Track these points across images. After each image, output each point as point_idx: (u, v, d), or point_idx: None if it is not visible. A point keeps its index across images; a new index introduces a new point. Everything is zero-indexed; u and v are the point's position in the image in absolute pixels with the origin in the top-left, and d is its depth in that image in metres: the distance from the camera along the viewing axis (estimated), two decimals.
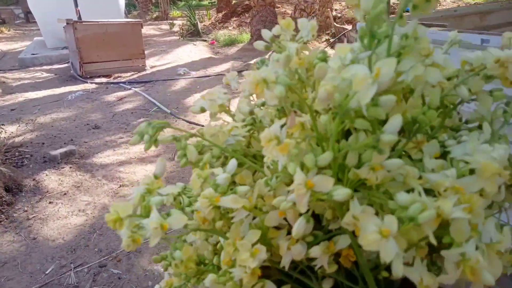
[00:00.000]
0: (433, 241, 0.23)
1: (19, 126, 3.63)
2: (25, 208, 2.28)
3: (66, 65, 5.66)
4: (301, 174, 0.24)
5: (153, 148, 0.36)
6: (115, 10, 7.32)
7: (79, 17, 6.27)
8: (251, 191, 0.32)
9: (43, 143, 3.28)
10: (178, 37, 7.83)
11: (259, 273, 0.29)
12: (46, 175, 2.71)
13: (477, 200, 0.24)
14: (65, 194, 2.44)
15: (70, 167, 2.84)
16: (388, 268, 0.28)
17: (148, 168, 2.80)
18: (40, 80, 5.14)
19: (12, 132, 3.45)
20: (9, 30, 10.89)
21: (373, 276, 0.31)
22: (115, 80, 4.90)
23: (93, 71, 5.06)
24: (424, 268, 0.26)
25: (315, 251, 0.29)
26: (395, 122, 0.25)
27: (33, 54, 6.35)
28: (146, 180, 0.36)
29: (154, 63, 5.67)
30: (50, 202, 2.35)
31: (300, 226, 0.27)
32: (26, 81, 5.15)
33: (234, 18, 8.50)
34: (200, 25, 7.97)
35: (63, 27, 5.14)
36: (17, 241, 2.00)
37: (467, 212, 0.23)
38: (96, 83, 4.81)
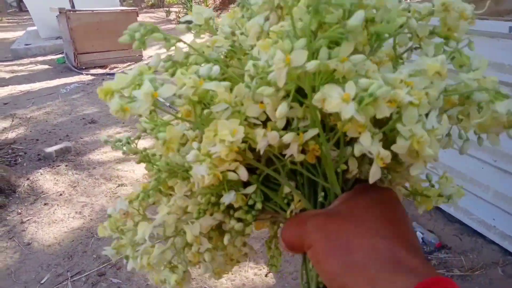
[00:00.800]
0: (386, 114, 0.28)
1: (13, 121, 3.54)
2: (19, 211, 2.24)
3: (60, 55, 5.61)
4: (281, 53, 0.29)
5: None
6: None
7: (72, 6, 6.13)
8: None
9: (37, 140, 3.22)
10: (175, 25, 7.78)
11: (237, 149, 0.32)
12: (41, 174, 2.66)
13: (423, 94, 0.30)
14: (61, 194, 2.40)
15: (66, 165, 2.78)
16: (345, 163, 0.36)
17: None
18: (34, 72, 5.09)
19: (5, 128, 3.39)
20: (1, 20, 10.74)
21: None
22: (112, 71, 4.83)
23: (88, 62, 5.00)
24: (380, 144, 0.31)
25: (287, 138, 0.32)
26: (359, 15, 0.30)
27: (26, 44, 6.25)
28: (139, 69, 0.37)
29: (152, 53, 5.63)
30: (45, 204, 2.31)
31: (283, 108, 0.31)
32: (19, 73, 5.10)
33: (233, 5, 8.59)
34: None
35: (56, 16, 5.14)
36: (11, 247, 1.96)
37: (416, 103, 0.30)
38: (91, 75, 4.76)
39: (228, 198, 0.37)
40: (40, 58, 5.91)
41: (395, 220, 0.32)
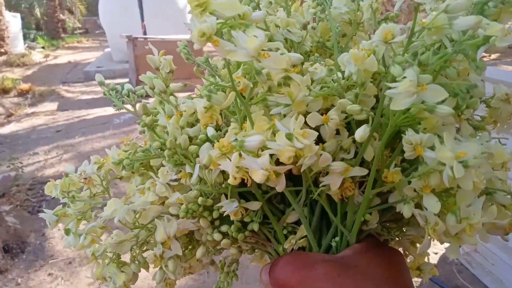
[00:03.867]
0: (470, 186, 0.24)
1: (57, 153, 3.27)
2: (19, 280, 1.79)
3: (126, 79, 5.50)
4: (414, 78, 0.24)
5: None
6: (181, 24, 7.14)
7: (145, 32, 6.13)
8: None
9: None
10: None
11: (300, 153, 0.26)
12: (59, 229, 2.07)
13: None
14: (70, 263, 1.92)
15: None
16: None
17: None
18: (97, 96, 4.97)
19: (46, 161, 3.07)
20: (87, 40, 11.42)
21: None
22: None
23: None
24: None
25: (338, 166, 0.28)
26: None
27: (98, 67, 6.33)
28: None
29: None
30: (49, 274, 1.84)
31: (364, 131, 0.27)
32: (84, 96, 5.04)
33: None
34: None
35: (126, 42, 4.98)
36: None
37: None
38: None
39: (230, 207, 0.31)
40: (108, 81, 5.91)
41: (404, 283, 0.30)
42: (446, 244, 0.29)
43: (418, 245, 0.37)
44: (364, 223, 0.31)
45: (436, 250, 1.75)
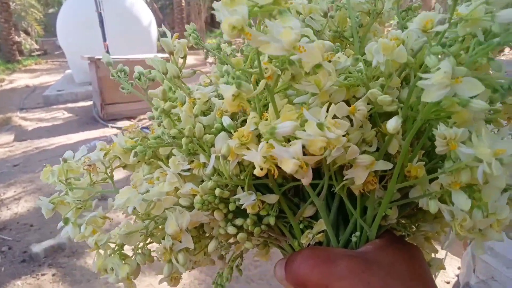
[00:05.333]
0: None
1: (15, 191, 2.85)
2: None
3: (90, 103, 5.19)
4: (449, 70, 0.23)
5: None
6: (147, 43, 6.86)
7: (107, 52, 5.88)
8: None
9: (32, 226, 2.37)
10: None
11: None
12: None
13: None
14: None
15: (53, 275, 1.90)
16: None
17: (158, 277, 1.92)
18: (58, 122, 4.66)
19: (2, 202, 2.68)
20: (46, 62, 10.94)
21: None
22: (140, 123, 4.27)
23: (116, 113, 4.56)
24: None
25: (364, 158, 0.27)
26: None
27: (59, 90, 6.04)
28: None
29: None
30: None
31: (396, 122, 0.25)
32: (43, 124, 4.67)
33: None
34: None
35: (88, 63, 4.67)
36: None
37: None
38: (117, 128, 4.24)
39: (247, 200, 0.30)
40: (70, 105, 5.46)
41: (427, 278, 0.29)
42: (457, 271, 0.29)
43: (432, 241, 0.37)
44: (383, 218, 0.31)
45: (447, 279, 1.70)
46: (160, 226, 0.33)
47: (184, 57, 0.34)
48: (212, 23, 14.46)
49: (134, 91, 0.35)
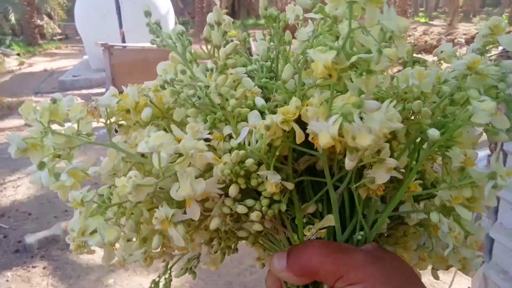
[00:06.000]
0: None
1: (18, 177, 2.75)
2: None
3: (104, 89, 4.92)
4: None
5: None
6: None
7: (123, 39, 5.55)
8: None
9: (30, 214, 2.32)
10: None
11: None
12: (7, 280, 1.73)
13: None
14: None
15: (44, 268, 1.84)
16: None
17: (150, 277, 1.72)
18: None
19: (4, 188, 2.55)
20: (66, 47, 10.89)
21: None
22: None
23: None
24: None
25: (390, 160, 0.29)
26: None
27: (74, 76, 5.91)
28: None
29: None
30: None
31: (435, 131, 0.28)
32: None
33: None
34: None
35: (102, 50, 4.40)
36: None
37: None
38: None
39: (274, 178, 0.29)
40: (84, 91, 5.29)
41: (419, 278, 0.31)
42: None
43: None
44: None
45: None
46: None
47: (225, 33, 0.34)
48: (233, 14, 14.05)
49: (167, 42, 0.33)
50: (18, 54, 8.69)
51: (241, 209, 0.30)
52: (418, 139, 0.32)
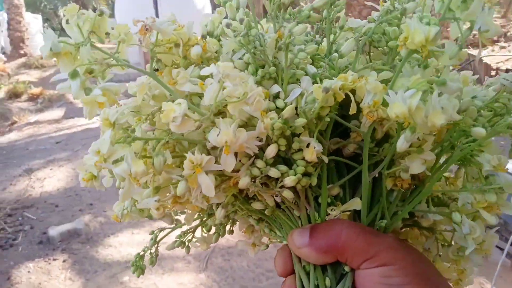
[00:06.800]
0: None
1: (51, 169, 2.85)
2: None
3: None
4: None
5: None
6: (198, 27, 6.53)
7: None
8: None
9: (57, 206, 2.37)
10: None
11: None
12: (29, 271, 1.76)
13: None
14: None
15: (64, 261, 1.86)
16: None
17: (165, 278, 1.71)
18: None
19: (36, 179, 2.66)
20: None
21: None
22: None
23: None
24: None
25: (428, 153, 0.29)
26: None
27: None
28: None
29: None
30: None
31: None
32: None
33: None
34: None
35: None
36: None
37: None
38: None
39: (318, 145, 0.28)
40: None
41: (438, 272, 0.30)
42: None
43: None
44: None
45: None
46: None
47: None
48: None
49: None
50: None
51: (274, 172, 0.28)
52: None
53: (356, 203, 0.31)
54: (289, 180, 0.28)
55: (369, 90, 0.28)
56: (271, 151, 0.28)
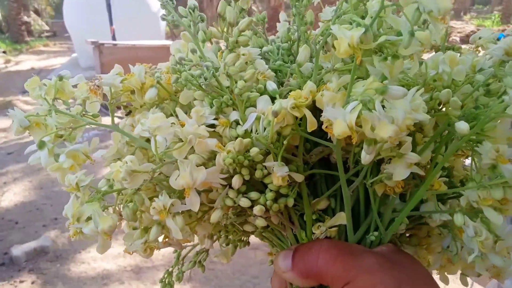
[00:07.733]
0: None
1: (4, 183, 2.60)
2: None
3: None
4: None
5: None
6: (155, 30, 6.51)
7: (113, 37, 5.50)
8: None
9: (17, 223, 2.14)
10: None
11: None
12: None
13: None
14: None
15: (33, 282, 1.67)
16: None
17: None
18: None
19: None
20: (54, 44, 10.72)
21: None
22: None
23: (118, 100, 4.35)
24: None
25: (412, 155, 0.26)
26: None
27: None
28: None
29: None
30: None
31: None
32: None
33: None
34: None
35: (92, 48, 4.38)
36: None
37: None
38: (117, 117, 4.05)
39: (281, 170, 0.27)
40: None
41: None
42: None
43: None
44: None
45: None
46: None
47: (242, 11, 0.32)
48: None
49: (181, 22, 0.31)
50: (4, 52, 8.38)
51: (244, 202, 0.28)
52: (445, 132, 0.29)
53: (341, 218, 0.29)
54: (257, 210, 0.27)
55: (326, 102, 0.25)
56: (235, 182, 0.27)
